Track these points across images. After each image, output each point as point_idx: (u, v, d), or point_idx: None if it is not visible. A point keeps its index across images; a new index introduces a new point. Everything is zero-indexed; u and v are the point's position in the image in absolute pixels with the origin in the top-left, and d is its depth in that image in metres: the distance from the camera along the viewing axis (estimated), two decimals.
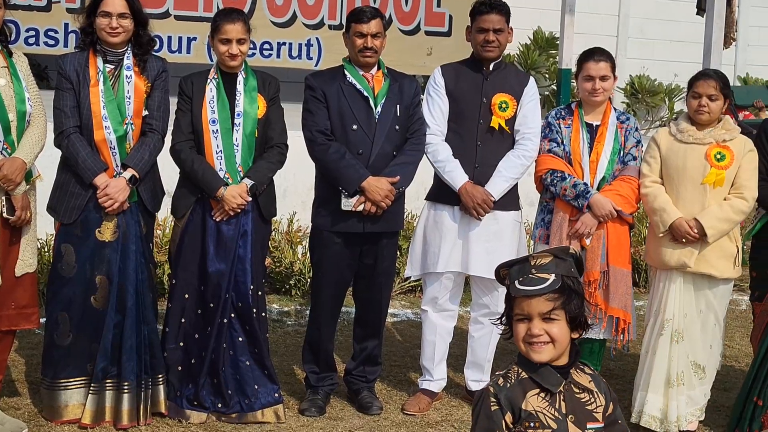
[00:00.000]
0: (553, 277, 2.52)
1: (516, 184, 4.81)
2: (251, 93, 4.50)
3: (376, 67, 4.69)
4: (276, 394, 4.54)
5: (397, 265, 5.10)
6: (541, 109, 4.98)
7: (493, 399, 2.55)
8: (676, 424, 4.57)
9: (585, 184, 4.67)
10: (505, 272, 2.61)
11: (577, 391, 2.59)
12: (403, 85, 4.72)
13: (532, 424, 2.52)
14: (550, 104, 8.80)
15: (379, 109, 4.62)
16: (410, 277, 5.35)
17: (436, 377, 4.89)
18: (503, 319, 2.63)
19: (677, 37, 9.56)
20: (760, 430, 4.51)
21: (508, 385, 2.56)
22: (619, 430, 2.66)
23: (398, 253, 5.13)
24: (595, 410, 2.60)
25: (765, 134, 4.71)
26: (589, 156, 4.74)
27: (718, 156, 4.54)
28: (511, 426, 2.54)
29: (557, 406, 2.55)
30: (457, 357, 5.31)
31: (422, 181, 4.94)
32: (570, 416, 2.56)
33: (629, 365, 5.43)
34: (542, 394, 2.56)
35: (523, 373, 2.58)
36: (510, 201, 4.80)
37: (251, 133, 4.48)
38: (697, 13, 7.22)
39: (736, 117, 6.99)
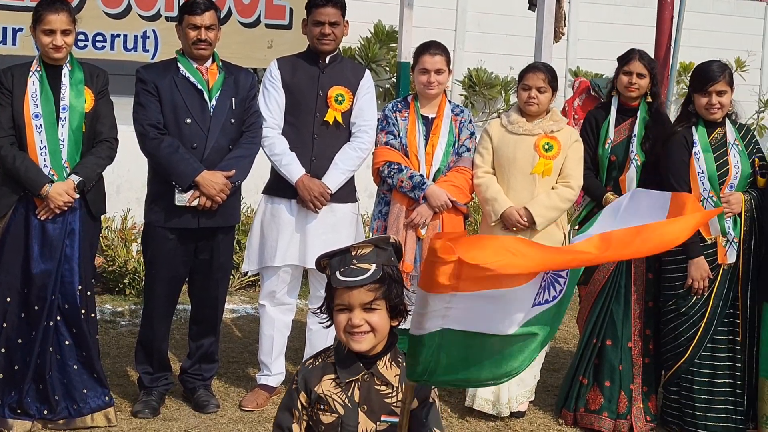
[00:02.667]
0: (374, 267, 2.53)
1: (353, 177, 4.84)
2: (77, 86, 4.34)
3: (210, 60, 4.62)
4: (106, 397, 4.41)
5: (235, 259, 5.02)
6: (383, 102, 5.02)
7: (296, 377, 2.65)
8: (507, 405, 4.72)
9: (421, 175, 4.74)
10: (326, 263, 2.60)
11: (377, 382, 2.61)
12: (239, 78, 4.66)
13: (322, 407, 2.59)
14: (390, 97, 8.86)
15: (213, 102, 4.55)
16: (248, 271, 5.28)
17: (274, 372, 4.86)
18: (323, 308, 2.63)
19: (513, 31, 9.79)
20: (585, 407, 4.72)
21: (311, 367, 2.65)
22: (425, 413, 2.60)
23: (236, 247, 5.05)
24: (394, 404, 2.61)
25: (589, 125, 4.90)
26: (425, 148, 4.81)
27: (546, 146, 4.69)
28: (306, 406, 2.62)
29: (350, 394, 2.60)
30: (296, 350, 5.30)
31: (260, 174, 4.89)
32: (363, 406, 2.59)
33: None
34: (338, 380, 2.61)
35: (331, 358, 2.63)
36: (347, 193, 4.82)
37: (78, 127, 4.32)
38: (529, 8, 7.40)
39: None
